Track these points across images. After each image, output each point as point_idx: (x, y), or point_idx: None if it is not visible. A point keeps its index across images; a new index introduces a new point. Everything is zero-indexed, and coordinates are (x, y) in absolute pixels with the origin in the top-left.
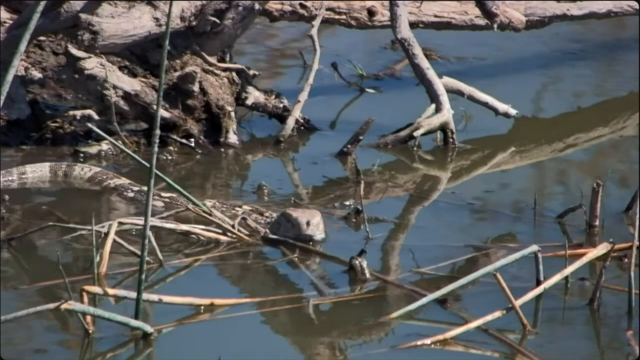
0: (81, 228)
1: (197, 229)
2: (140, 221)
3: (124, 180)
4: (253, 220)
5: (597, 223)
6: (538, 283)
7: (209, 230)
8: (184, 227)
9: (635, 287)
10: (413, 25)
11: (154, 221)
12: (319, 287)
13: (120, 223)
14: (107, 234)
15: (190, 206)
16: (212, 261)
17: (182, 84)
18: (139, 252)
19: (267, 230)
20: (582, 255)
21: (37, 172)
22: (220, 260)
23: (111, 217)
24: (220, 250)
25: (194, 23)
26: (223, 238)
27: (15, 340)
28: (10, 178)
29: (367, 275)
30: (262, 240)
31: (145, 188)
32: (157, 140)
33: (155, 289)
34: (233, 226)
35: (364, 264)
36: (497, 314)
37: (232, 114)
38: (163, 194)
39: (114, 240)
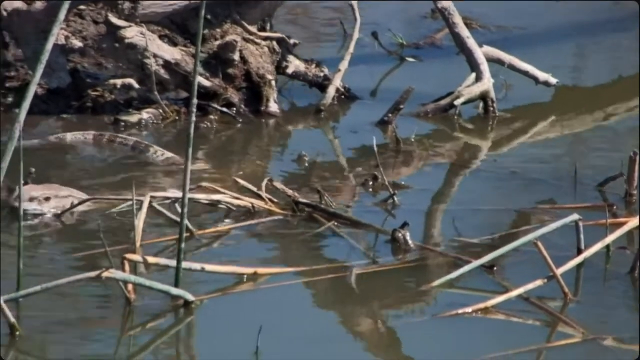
0: (122, 199)
1: (226, 197)
2: (171, 194)
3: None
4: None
5: (635, 192)
6: (579, 251)
7: (237, 199)
8: (214, 197)
9: None
10: None
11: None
12: (363, 255)
13: (152, 197)
14: (139, 209)
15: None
16: (244, 230)
17: (223, 53)
18: (178, 220)
19: (296, 194)
20: (623, 224)
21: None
22: (255, 228)
23: (150, 187)
24: (253, 218)
25: None
26: (253, 205)
27: (58, 309)
28: None
29: (411, 245)
30: (294, 203)
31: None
32: (195, 110)
33: (191, 258)
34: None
35: (407, 235)
36: (538, 282)
37: (273, 82)
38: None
39: (153, 208)
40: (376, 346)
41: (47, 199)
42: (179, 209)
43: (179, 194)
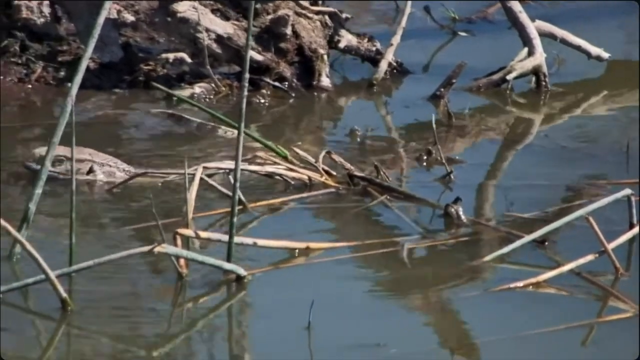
0: (174, 173)
1: (280, 169)
2: (224, 165)
3: None
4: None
5: None
6: (631, 226)
7: (293, 170)
8: (269, 168)
9: None
10: None
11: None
12: (415, 229)
13: (205, 168)
14: (192, 180)
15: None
16: (297, 203)
17: (275, 27)
18: (230, 194)
19: (352, 167)
20: None
21: None
22: (308, 201)
23: (203, 160)
24: (306, 191)
25: None
26: (308, 177)
27: (110, 284)
28: None
29: (464, 220)
30: (348, 177)
31: None
32: (247, 84)
33: (243, 232)
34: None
35: (460, 210)
36: (590, 257)
37: (325, 57)
38: None
39: (205, 182)
40: (428, 320)
41: (61, 161)
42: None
43: (231, 165)
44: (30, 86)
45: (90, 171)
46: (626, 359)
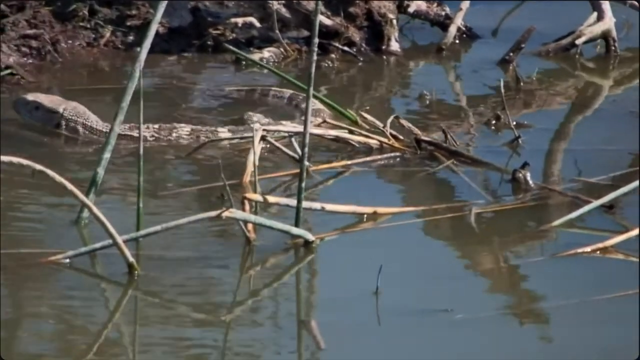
0: (240, 137)
1: (346, 134)
2: (284, 128)
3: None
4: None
5: None
6: None
7: (361, 135)
8: (333, 132)
9: None
10: None
11: (298, 127)
12: (482, 194)
13: (266, 131)
14: (252, 143)
15: (327, 117)
16: (361, 167)
17: None
18: (297, 157)
19: (419, 132)
20: None
21: None
22: (371, 165)
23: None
24: (370, 156)
25: None
26: (379, 142)
27: (179, 248)
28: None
29: (532, 185)
30: (415, 141)
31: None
32: (316, 48)
33: (307, 196)
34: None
35: (528, 175)
36: None
37: (394, 21)
38: None
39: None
40: (496, 284)
41: (37, 108)
42: (297, 148)
43: (293, 128)
44: (98, 50)
45: (58, 125)
46: None
